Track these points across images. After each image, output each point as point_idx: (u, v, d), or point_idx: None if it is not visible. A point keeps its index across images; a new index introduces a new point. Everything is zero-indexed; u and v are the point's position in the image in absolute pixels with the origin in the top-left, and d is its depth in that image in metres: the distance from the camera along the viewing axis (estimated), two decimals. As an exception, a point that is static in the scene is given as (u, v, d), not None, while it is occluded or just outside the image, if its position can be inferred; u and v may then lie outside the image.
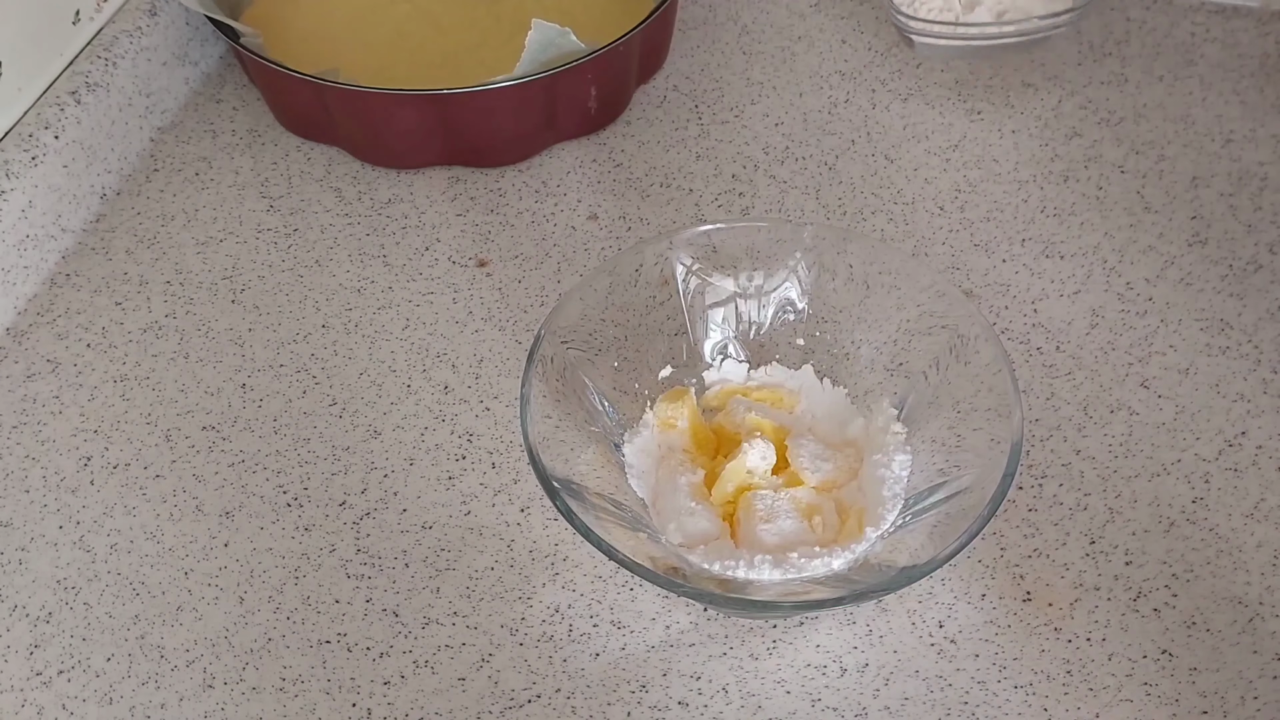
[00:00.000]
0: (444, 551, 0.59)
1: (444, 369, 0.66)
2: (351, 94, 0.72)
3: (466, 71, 0.79)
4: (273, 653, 0.56)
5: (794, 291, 0.62)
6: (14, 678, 0.55)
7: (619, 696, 0.54)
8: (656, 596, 0.57)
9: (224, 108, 0.82)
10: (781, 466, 0.58)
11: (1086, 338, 0.66)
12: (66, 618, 0.57)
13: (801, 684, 0.54)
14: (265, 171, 0.78)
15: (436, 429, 0.64)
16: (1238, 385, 0.64)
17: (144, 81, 0.78)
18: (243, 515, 0.61)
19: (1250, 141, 0.76)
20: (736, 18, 0.87)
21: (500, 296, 0.70)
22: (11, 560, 0.59)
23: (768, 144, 0.78)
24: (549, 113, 0.75)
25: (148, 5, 0.78)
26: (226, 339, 0.68)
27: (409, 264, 0.72)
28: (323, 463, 0.63)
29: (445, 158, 0.77)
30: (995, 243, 0.71)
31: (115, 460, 0.63)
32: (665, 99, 0.82)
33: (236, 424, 0.64)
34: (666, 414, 0.60)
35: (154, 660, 0.55)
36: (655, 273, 0.62)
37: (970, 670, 0.54)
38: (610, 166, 0.77)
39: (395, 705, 0.54)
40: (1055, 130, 0.78)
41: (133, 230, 0.74)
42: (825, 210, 0.74)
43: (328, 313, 0.70)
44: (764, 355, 0.63)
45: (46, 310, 0.70)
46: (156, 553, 0.59)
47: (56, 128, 0.71)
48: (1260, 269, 0.69)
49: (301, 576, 0.58)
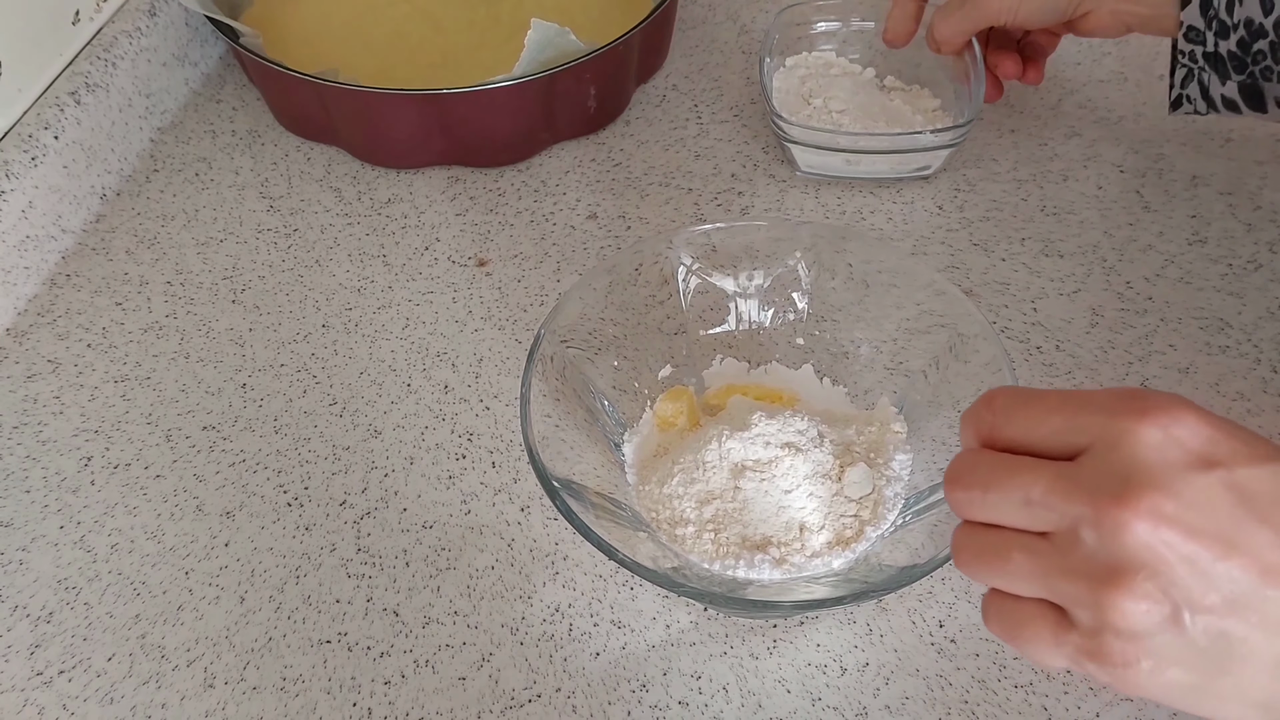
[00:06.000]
0: (444, 551, 0.59)
1: (444, 368, 0.66)
2: (351, 94, 0.72)
3: (466, 72, 0.79)
4: (273, 652, 0.56)
5: (793, 291, 0.62)
6: (15, 677, 0.55)
7: (619, 695, 0.54)
8: (656, 596, 0.57)
9: (224, 108, 0.82)
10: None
11: (1086, 336, 0.66)
12: (67, 617, 0.57)
13: (802, 683, 0.54)
14: (265, 171, 0.78)
15: (436, 428, 0.64)
16: (1237, 384, 0.64)
17: (144, 82, 0.78)
18: (243, 515, 0.61)
19: (1250, 141, 0.76)
20: (736, 17, 0.87)
21: (500, 296, 0.70)
22: (12, 560, 0.59)
23: (767, 144, 0.78)
24: (548, 112, 0.75)
25: (148, 5, 0.78)
26: (226, 339, 0.68)
27: (409, 264, 0.72)
28: (323, 462, 0.63)
29: (445, 158, 0.77)
30: (994, 241, 0.71)
31: (116, 460, 0.63)
32: (665, 99, 0.82)
33: (237, 424, 0.64)
34: (666, 413, 0.60)
35: (155, 660, 0.55)
36: (655, 272, 0.62)
37: (970, 669, 0.54)
38: (609, 166, 0.77)
39: (396, 705, 0.54)
40: (1055, 129, 0.78)
41: (133, 230, 0.74)
42: (824, 210, 0.74)
43: (328, 313, 0.70)
44: (764, 355, 0.63)
45: (47, 310, 0.70)
46: (157, 552, 0.59)
47: (56, 128, 0.71)
48: (1260, 268, 0.69)
49: (302, 576, 0.58)
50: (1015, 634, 0.36)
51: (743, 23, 0.86)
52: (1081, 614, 0.35)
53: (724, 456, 0.56)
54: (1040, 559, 0.35)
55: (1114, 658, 0.34)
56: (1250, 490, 0.34)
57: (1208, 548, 0.33)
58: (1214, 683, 0.34)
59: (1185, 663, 0.34)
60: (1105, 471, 0.34)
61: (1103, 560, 0.34)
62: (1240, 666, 0.34)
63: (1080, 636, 0.35)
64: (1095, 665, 0.35)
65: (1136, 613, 0.33)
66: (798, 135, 0.73)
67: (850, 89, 0.78)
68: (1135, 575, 0.33)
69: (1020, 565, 0.35)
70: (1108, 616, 0.34)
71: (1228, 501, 0.34)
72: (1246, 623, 0.33)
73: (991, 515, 0.37)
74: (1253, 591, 0.33)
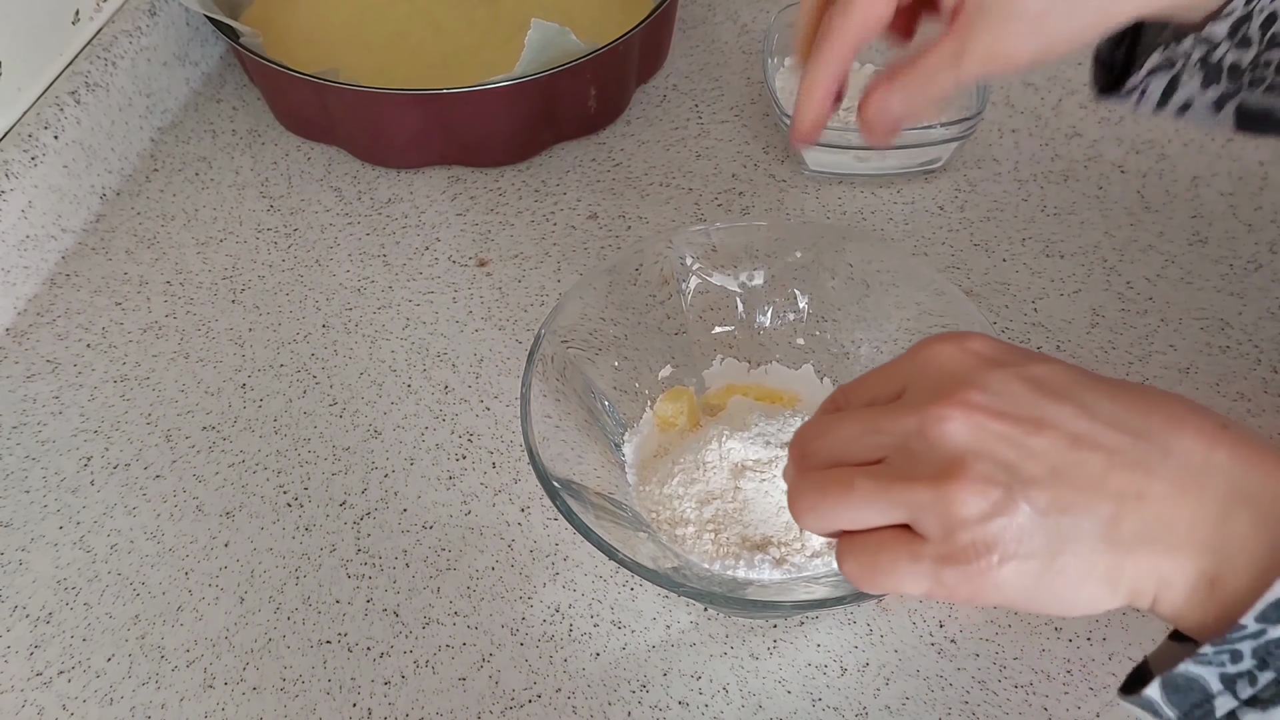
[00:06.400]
0: (444, 551, 0.59)
1: (444, 369, 0.66)
2: (351, 94, 0.72)
3: (466, 71, 0.79)
4: (273, 653, 0.56)
5: (794, 291, 0.62)
6: (14, 678, 0.55)
7: (619, 696, 0.54)
8: (656, 596, 0.57)
9: (224, 108, 0.82)
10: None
11: (1087, 336, 0.66)
12: (67, 618, 0.57)
13: (802, 683, 0.54)
14: (265, 171, 0.78)
15: (437, 429, 0.64)
16: (1238, 384, 0.64)
17: (144, 81, 0.78)
18: (243, 515, 0.61)
19: (1250, 141, 0.76)
20: (736, 17, 0.87)
21: (500, 296, 0.70)
22: (12, 560, 0.59)
23: (768, 144, 0.78)
24: (549, 112, 0.75)
25: (148, 5, 0.78)
26: (226, 339, 0.68)
27: (409, 264, 0.72)
28: (323, 462, 0.63)
29: (445, 157, 0.77)
30: (995, 241, 0.71)
31: (115, 460, 0.63)
32: (665, 99, 0.81)
33: (236, 424, 0.64)
34: (666, 414, 0.60)
35: (154, 660, 0.55)
36: (655, 272, 0.62)
37: (970, 670, 0.54)
38: (610, 166, 0.77)
39: (396, 705, 0.54)
40: (1056, 129, 0.78)
41: (133, 230, 0.74)
42: (825, 209, 0.74)
43: (328, 313, 0.70)
44: (764, 355, 0.63)
45: (46, 310, 0.70)
46: (157, 553, 0.59)
47: (56, 128, 0.71)
48: (1260, 268, 0.69)
49: (302, 576, 0.58)
50: (874, 562, 0.38)
51: (743, 22, 0.86)
52: (929, 520, 0.37)
53: (724, 457, 0.56)
54: (880, 477, 0.38)
55: (968, 553, 0.36)
56: (1041, 378, 0.38)
57: (1020, 426, 0.37)
58: (1057, 563, 0.36)
59: (1029, 544, 0.36)
60: (920, 390, 0.39)
61: (936, 461, 0.37)
62: (1074, 537, 0.36)
63: (933, 546, 0.37)
64: (953, 571, 0.36)
65: (975, 497, 0.36)
66: None
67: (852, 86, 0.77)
68: (965, 463, 0.36)
69: (864, 487, 0.38)
70: (952, 509, 0.36)
71: (1026, 388, 0.38)
72: (1071, 488, 0.36)
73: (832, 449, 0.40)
74: (1067, 458, 0.36)
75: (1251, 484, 0.36)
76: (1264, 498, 0.36)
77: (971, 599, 0.37)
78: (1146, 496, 0.36)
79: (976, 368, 0.39)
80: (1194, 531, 0.36)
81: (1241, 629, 0.35)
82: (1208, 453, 0.37)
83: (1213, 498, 0.36)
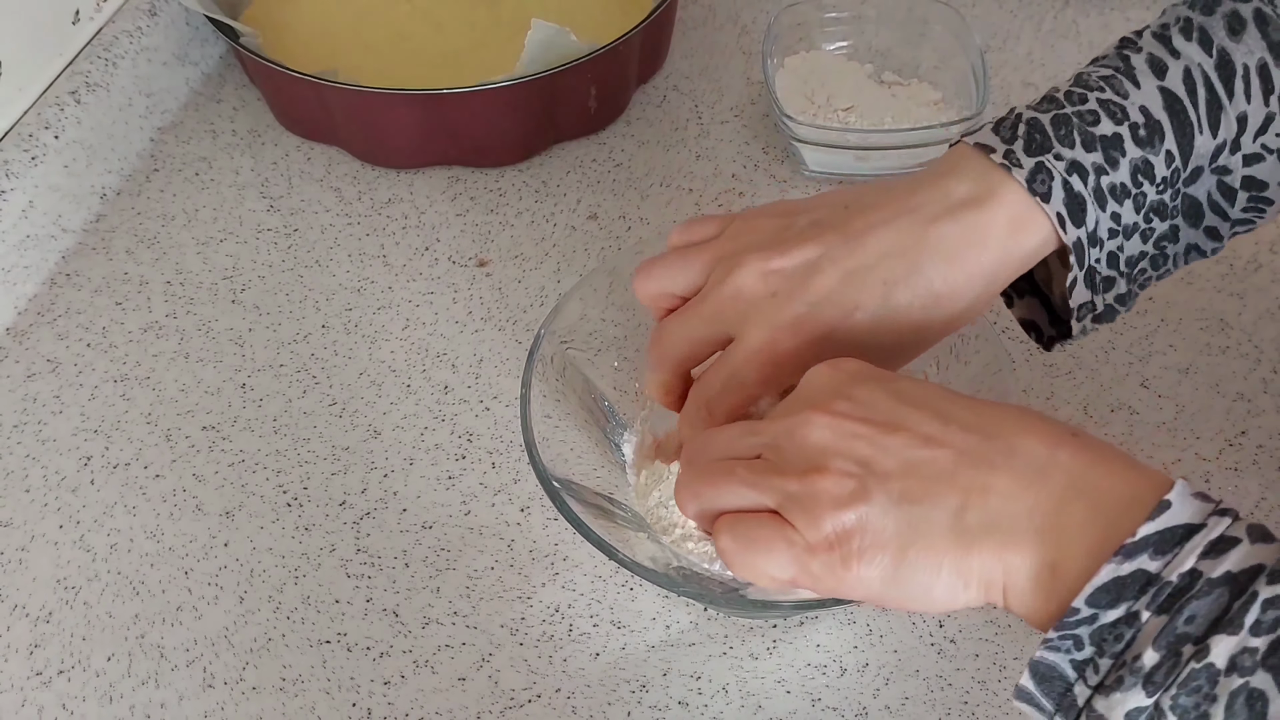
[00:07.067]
0: (444, 551, 0.59)
1: (444, 369, 0.66)
2: (351, 94, 0.72)
3: (466, 72, 0.79)
4: (273, 652, 0.56)
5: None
6: (14, 677, 0.55)
7: (619, 696, 0.54)
8: (656, 596, 0.57)
9: (224, 108, 0.82)
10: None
11: (1086, 336, 0.66)
12: (66, 617, 0.57)
13: (802, 684, 0.54)
14: (265, 171, 0.78)
15: (436, 429, 0.64)
16: (1238, 385, 0.64)
17: (144, 81, 0.78)
18: (243, 515, 0.61)
19: (1250, 141, 0.76)
20: (736, 18, 0.87)
21: (500, 296, 0.70)
22: (11, 560, 0.59)
23: (768, 144, 0.78)
24: (549, 112, 0.75)
25: (148, 5, 0.78)
26: (226, 339, 0.68)
27: (409, 264, 0.72)
28: (323, 463, 0.63)
29: (445, 158, 0.77)
30: (995, 242, 0.71)
31: (115, 460, 0.63)
32: (665, 99, 0.82)
33: (236, 424, 0.64)
34: (644, 482, 0.59)
35: (154, 660, 0.55)
36: (655, 272, 0.61)
37: (970, 670, 0.54)
38: (610, 166, 0.77)
39: (395, 705, 0.54)
40: (1055, 130, 0.78)
41: (133, 230, 0.74)
42: (825, 210, 0.74)
43: (328, 313, 0.70)
44: (764, 355, 0.63)
45: (46, 310, 0.70)
46: (156, 552, 0.59)
47: (56, 128, 0.71)
48: (1260, 268, 0.69)
49: (301, 576, 0.58)
50: (750, 540, 0.41)
51: (743, 23, 0.86)
52: (795, 509, 0.40)
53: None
54: (756, 468, 0.42)
55: (830, 541, 0.39)
56: (903, 390, 0.42)
57: (878, 428, 0.41)
58: (909, 554, 0.39)
59: (884, 533, 0.39)
60: (795, 400, 0.44)
61: (803, 458, 0.41)
62: (924, 529, 0.39)
63: (801, 535, 0.40)
64: (818, 562, 0.40)
65: (835, 487, 0.40)
66: (807, 134, 0.73)
67: (852, 86, 0.78)
68: (826, 459, 0.40)
69: (742, 474, 0.42)
70: (815, 497, 0.40)
71: (888, 397, 0.42)
72: (921, 480, 0.39)
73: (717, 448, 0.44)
74: (919, 454, 0.40)
75: (1090, 480, 0.38)
76: (1100, 490, 0.38)
77: (835, 591, 0.40)
78: (991, 490, 0.39)
79: (845, 383, 0.43)
80: (1032, 519, 0.38)
81: (1076, 613, 0.36)
82: (1051, 452, 0.39)
83: (1051, 492, 0.39)
